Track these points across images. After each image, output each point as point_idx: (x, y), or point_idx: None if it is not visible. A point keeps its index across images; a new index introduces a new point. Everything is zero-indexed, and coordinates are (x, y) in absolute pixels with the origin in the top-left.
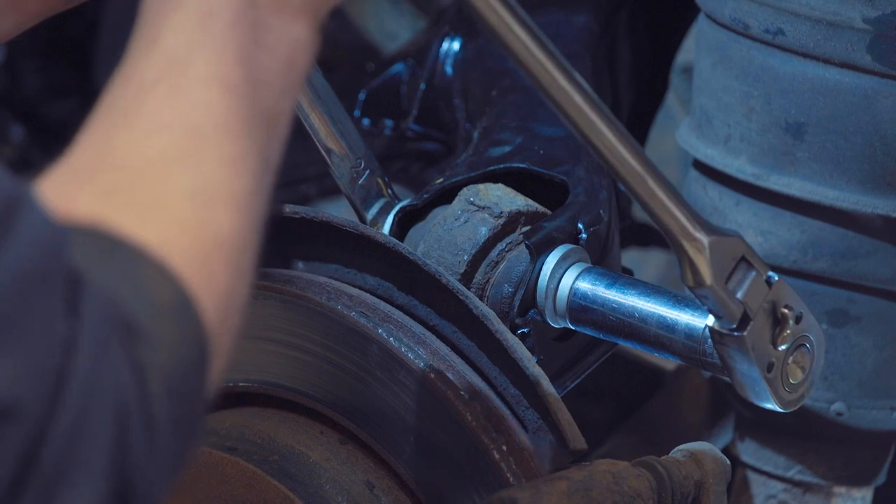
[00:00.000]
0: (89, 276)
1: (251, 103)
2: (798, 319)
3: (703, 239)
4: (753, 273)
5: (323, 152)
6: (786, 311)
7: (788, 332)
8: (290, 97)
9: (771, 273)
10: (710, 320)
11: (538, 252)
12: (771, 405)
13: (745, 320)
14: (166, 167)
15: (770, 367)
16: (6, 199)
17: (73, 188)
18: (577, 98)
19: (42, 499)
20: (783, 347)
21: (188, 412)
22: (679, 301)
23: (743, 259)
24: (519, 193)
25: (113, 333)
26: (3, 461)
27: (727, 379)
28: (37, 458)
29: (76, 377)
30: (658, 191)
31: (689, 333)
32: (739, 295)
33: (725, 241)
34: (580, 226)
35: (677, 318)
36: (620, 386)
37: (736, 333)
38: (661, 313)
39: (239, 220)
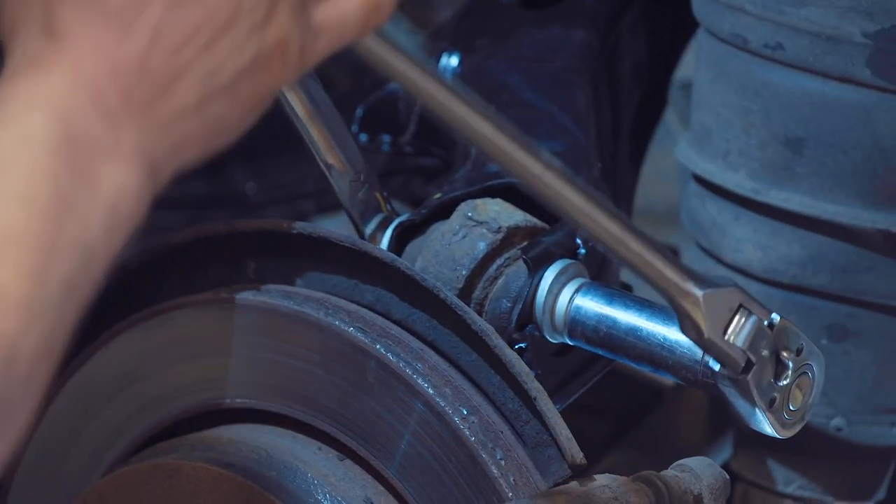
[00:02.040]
0: None
1: (57, 227)
2: (799, 352)
3: (697, 293)
4: (754, 319)
5: (322, 166)
6: (786, 354)
7: (790, 370)
8: (109, 240)
9: (773, 315)
10: (715, 365)
11: (536, 267)
12: (771, 432)
13: (748, 366)
14: None
15: (772, 403)
16: None
17: None
18: (550, 174)
19: None
20: (785, 383)
21: None
22: (677, 319)
23: (741, 307)
24: (517, 208)
25: None
26: None
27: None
28: None
29: None
30: (644, 252)
31: (687, 353)
32: (740, 343)
33: (720, 292)
34: (578, 241)
35: (676, 336)
36: (620, 401)
37: (739, 378)
38: (659, 331)
39: (30, 329)
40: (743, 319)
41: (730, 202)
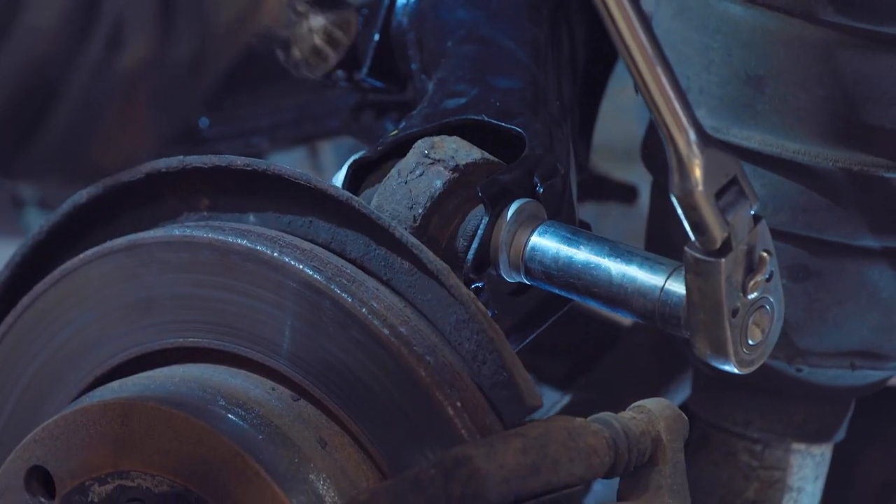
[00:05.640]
0: None
1: None
2: (770, 275)
3: (701, 143)
4: (745, 201)
5: None
6: (765, 254)
7: (760, 279)
8: None
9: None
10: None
11: (493, 205)
12: (728, 365)
13: (726, 246)
14: None
15: (734, 313)
16: None
17: None
18: None
19: None
20: (752, 296)
21: None
22: (636, 258)
23: (735, 181)
24: (475, 146)
25: None
26: None
27: (685, 335)
28: None
29: None
30: (668, 85)
31: (646, 291)
32: (728, 217)
33: (721, 154)
34: (536, 179)
35: (634, 274)
36: (577, 341)
37: (713, 258)
38: (618, 269)
39: None
40: (734, 196)
41: None
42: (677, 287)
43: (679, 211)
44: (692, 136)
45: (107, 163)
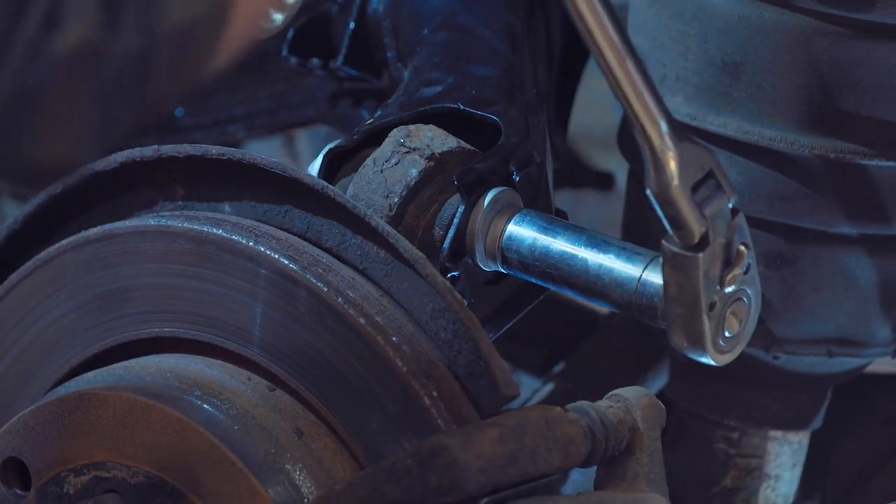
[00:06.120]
0: None
1: None
2: (748, 267)
3: (675, 138)
4: (721, 195)
5: None
6: (743, 248)
7: (738, 272)
8: None
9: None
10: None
11: (469, 194)
12: (705, 357)
13: (704, 241)
14: None
15: (712, 307)
16: None
17: None
18: None
19: None
20: (730, 289)
21: None
22: (613, 248)
23: (711, 175)
24: (450, 134)
25: None
26: None
27: (662, 326)
28: None
29: None
30: (639, 80)
31: (623, 282)
32: (705, 211)
33: (697, 148)
34: (512, 167)
35: (611, 265)
36: (554, 329)
37: (691, 253)
38: (594, 260)
39: None
40: (711, 189)
41: None
42: (654, 277)
43: (656, 206)
44: (665, 128)
45: (45, 161)
